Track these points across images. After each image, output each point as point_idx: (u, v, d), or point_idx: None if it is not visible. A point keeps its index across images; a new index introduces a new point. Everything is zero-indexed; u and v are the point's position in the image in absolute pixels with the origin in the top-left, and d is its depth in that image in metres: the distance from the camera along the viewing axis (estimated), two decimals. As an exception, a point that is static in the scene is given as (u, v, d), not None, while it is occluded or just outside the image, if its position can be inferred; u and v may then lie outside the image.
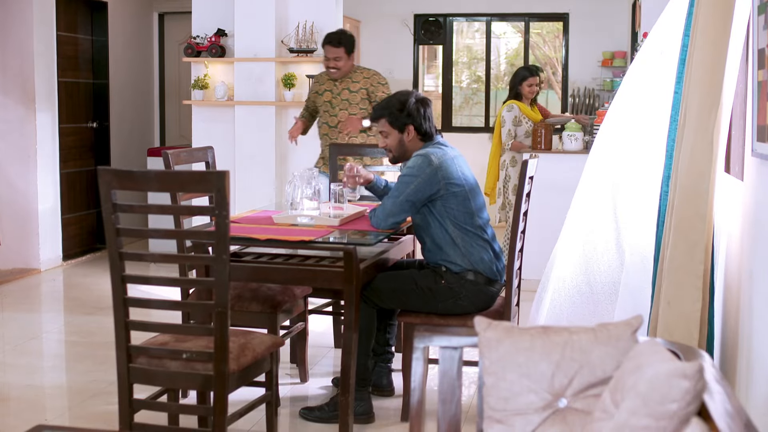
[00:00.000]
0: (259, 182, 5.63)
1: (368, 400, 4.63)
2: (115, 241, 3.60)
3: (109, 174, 3.56)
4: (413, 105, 4.57)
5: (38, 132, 8.30)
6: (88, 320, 6.66)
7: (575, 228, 4.30)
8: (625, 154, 4.15)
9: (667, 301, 3.25)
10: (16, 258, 8.34)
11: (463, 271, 4.46)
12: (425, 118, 4.60)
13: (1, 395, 5.07)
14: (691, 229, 3.23)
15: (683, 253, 3.24)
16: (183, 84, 10.33)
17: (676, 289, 3.23)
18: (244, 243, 4.48)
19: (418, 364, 2.70)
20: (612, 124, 4.28)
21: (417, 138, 4.61)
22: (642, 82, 4.10)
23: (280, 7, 8.09)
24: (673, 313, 3.23)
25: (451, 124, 12.18)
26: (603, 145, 4.30)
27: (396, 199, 4.44)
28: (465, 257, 4.46)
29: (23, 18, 8.15)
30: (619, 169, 4.18)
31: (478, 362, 2.60)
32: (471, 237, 4.47)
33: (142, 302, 3.86)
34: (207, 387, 3.69)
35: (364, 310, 4.50)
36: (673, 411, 2.00)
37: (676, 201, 3.27)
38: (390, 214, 4.47)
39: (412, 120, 4.58)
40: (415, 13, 11.97)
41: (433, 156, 4.44)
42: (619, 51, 11.10)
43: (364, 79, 6.68)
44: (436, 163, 4.42)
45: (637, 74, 4.17)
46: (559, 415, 2.44)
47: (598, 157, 4.29)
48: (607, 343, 2.44)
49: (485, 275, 4.48)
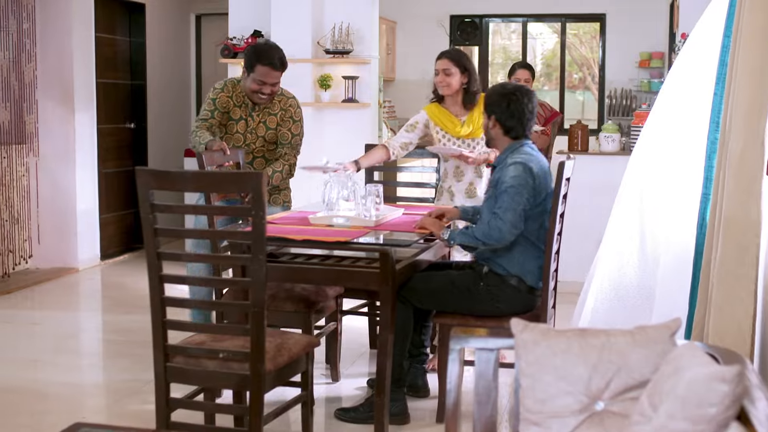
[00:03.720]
0: (295, 183, 5.64)
1: (403, 401, 4.63)
2: (152, 241, 3.62)
3: (146, 174, 3.59)
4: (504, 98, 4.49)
5: (77, 132, 8.39)
6: (125, 319, 6.71)
7: (615, 231, 4.28)
8: (663, 156, 4.12)
9: (718, 306, 3.21)
10: (55, 257, 8.43)
11: (507, 276, 4.44)
12: (511, 114, 4.49)
13: (40, 393, 5.12)
14: (741, 234, 3.18)
15: (733, 258, 3.19)
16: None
17: (727, 294, 3.18)
18: (280, 243, 4.49)
19: (454, 366, 2.69)
20: (652, 127, 4.25)
21: (501, 131, 4.53)
22: (682, 84, 4.07)
23: (316, 9, 8.12)
24: (724, 319, 3.19)
25: (487, 125, 12.14)
26: (643, 147, 4.27)
27: (515, 210, 4.31)
28: (516, 264, 4.42)
29: (62, 20, 8.23)
30: (655, 171, 4.15)
31: (515, 364, 2.59)
32: (530, 246, 4.43)
33: (179, 302, 3.88)
34: (243, 386, 3.70)
35: (400, 311, 4.50)
36: (712, 415, 1.98)
37: (725, 205, 3.22)
38: (514, 226, 4.32)
39: (494, 110, 4.51)
40: (451, 14, 11.94)
41: (532, 164, 4.37)
42: (656, 52, 11.01)
43: (281, 110, 5.63)
44: (536, 171, 4.36)
45: (677, 76, 4.13)
46: (596, 418, 2.43)
47: (638, 159, 4.26)
48: (645, 345, 2.43)
49: (528, 284, 4.46)
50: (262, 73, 5.35)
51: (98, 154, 8.77)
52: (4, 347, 6.05)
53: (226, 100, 5.53)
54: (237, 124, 5.55)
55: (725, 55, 3.40)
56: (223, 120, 5.53)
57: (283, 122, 5.60)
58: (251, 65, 5.36)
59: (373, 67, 8.33)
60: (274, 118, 5.59)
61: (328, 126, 8.20)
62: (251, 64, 5.36)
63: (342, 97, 8.15)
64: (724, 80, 3.40)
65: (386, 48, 10.88)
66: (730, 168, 3.22)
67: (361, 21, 8.16)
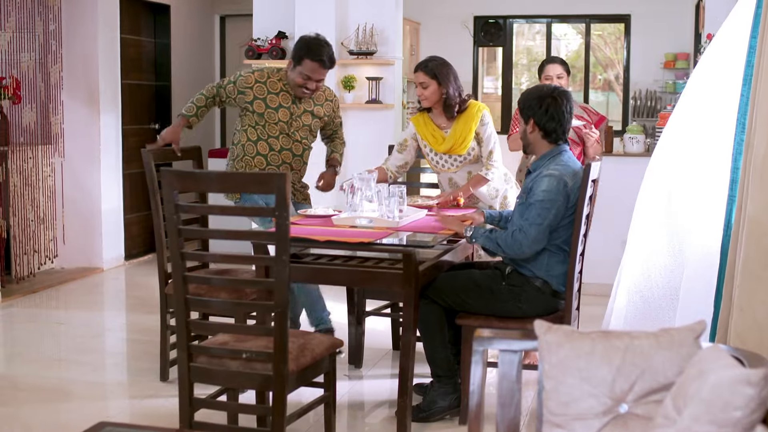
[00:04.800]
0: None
1: (457, 393, 4.58)
2: (176, 241, 3.64)
3: (171, 175, 3.61)
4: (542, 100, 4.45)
5: (102, 133, 8.44)
6: (149, 319, 6.74)
7: (640, 232, 4.26)
8: (689, 157, 4.09)
9: (740, 307, 3.19)
10: (80, 257, 8.49)
11: (532, 277, 4.42)
12: (551, 117, 4.44)
13: (64, 392, 5.16)
14: (764, 236, 3.16)
15: (755, 260, 3.17)
16: (244, 86, 10.40)
17: (749, 296, 3.16)
18: (303, 244, 4.50)
19: (477, 367, 2.69)
20: (675, 127, 4.22)
21: (539, 135, 4.49)
22: (707, 85, 4.04)
23: (340, 10, 8.13)
24: (745, 320, 3.17)
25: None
26: (666, 148, 4.24)
27: (540, 226, 4.30)
28: (542, 267, 4.41)
29: (88, 21, 8.28)
30: (682, 173, 4.12)
31: (538, 366, 2.59)
32: (558, 251, 4.42)
33: (203, 303, 3.89)
34: (266, 387, 3.71)
35: (429, 309, 4.49)
36: (737, 418, 1.97)
37: (748, 206, 3.19)
38: (535, 241, 4.32)
39: (532, 113, 4.47)
40: (475, 15, 11.93)
41: (567, 178, 4.34)
42: (681, 53, 10.95)
43: (326, 101, 5.67)
44: (570, 186, 4.34)
45: (702, 76, 4.10)
46: (620, 421, 2.42)
47: (663, 160, 4.23)
48: (669, 348, 2.41)
49: (553, 287, 4.45)
50: (311, 68, 5.33)
51: (123, 154, 8.82)
52: (29, 346, 6.09)
53: (255, 83, 5.46)
54: (278, 113, 5.48)
55: (752, 56, 3.38)
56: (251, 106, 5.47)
57: (333, 112, 5.71)
58: (299, 58, 5.33)
59: (396, 68, 8.33)
60: (320, 108, 5.60)
61: (352, 127, 8.20)
62: (300, 57, 5.33)
63: (366, 98, 8.15)
64: (750, 81, 3.37)
65: (410, 49, 10.87)
66: (755, 170, 3.20)
67: (385, 22, 8.16)
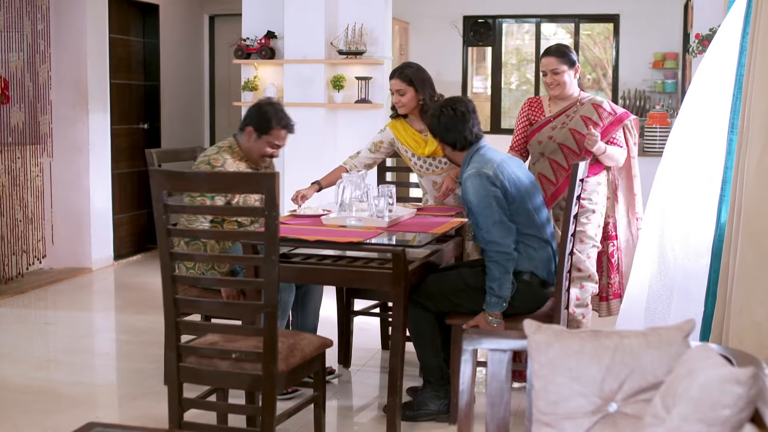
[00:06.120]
0: (307, 184, 5.63)
1: (448, 398, 4.58)
2: (166, 241, 3.63)
3: (160, 175, 3.60)
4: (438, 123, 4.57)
5: (91, 132, 8.41)
6: (138, 319, 6.73)
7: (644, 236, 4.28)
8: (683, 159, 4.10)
9: (737, 308, 3.20)
10: (69, 257, 8.46)
11: (518, 271, 4.42)
12: (446, 129, 4.54)
13: (53, 393, 5.14)
14: (763, 237, 3.16)
15: (752, 261, 3.17)
16: (233, 86, 10.40)
17: (747, 296, 3.17)
18: (293, 244, 4.49)
19: (467, 367, 2.69)
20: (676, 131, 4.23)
21: (450, 149, 4.61)
22: (704, 87, 4.04)
23: (329, 9, 8.11)
24: (744, 321, 3.18)
25: (500, 126, 12.14)
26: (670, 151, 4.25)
27: (494, 224, 4.30)
28: (524, 260, 4.41)
29: (76, 21, 8.26)
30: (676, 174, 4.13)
31: (527, 365, 2.59)
32: (530, 239, 4.42)
33: (192, 303, 3.88)
34: (256, 387, 3.70)
35: (421, 316, 4.50)
36: (726, 417, 1.97)
37: (744, 208, 3.20)
38: (504, 236, 4.30)
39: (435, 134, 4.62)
40: (465, 15, 11.95)
41: (485, 169, 4.37)
42: (670, 52, 10.98)
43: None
44: (492, 174, 4.35)
45: (701, 78, 4.10)
46: (609, 420, 2.42)
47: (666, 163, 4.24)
48: (658, 347, 2.42)
49: (540, 277, 4.45)
50: (281, 136, 4.97)
51: (112, 154, 8.79)
52: (18, 347, 6.08)
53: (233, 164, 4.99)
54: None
55: (743, 56, 3.39)
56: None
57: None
58: (267, 128, 4.92)
59: (386, 68, 8.31)
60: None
61: (341, 127, 8.20)
62: (267, 127, 4.92)
63: (355, 97, 8.14)
64: (741, 82, 3.38)
65: (399, 49, 10.88)
66: (749, 171, 3.20)
67: (374, 22, 8.15)
